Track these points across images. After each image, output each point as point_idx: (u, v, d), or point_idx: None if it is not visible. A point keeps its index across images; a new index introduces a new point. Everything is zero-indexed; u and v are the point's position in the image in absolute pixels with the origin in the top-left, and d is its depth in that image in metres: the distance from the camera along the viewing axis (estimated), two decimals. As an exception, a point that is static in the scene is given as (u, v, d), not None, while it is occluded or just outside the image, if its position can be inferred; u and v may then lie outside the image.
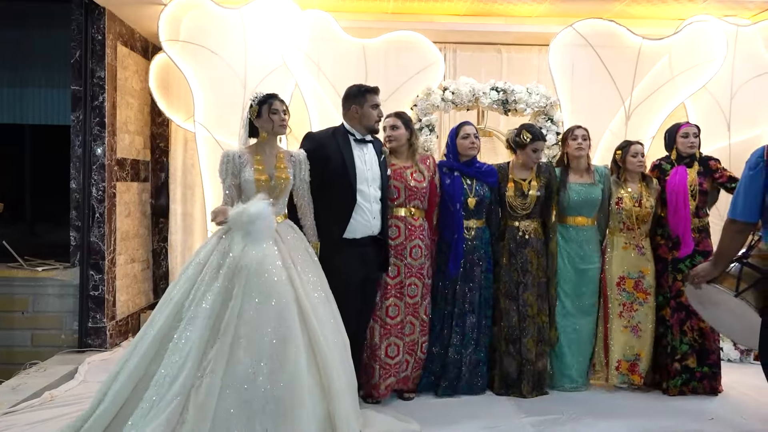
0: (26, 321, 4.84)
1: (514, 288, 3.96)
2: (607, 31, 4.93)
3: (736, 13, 5.11)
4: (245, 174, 3.20)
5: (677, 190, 4.00)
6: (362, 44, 4.89)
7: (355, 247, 3.52)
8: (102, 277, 4.86)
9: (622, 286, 4.09)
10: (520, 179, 4.03)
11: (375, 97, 3.62)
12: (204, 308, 2.87)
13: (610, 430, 3.48)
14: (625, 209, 4.06)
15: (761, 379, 4.23)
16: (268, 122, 3.29)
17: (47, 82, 6.34)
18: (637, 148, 4.11)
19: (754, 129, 5.03)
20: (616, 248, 4.12)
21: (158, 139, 5.75)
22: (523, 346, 3.93)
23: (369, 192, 3.56)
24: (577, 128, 4.15)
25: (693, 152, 4.10)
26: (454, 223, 3.87)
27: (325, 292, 3.19)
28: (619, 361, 4.08)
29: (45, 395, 3.84)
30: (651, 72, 4.94)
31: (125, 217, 5.24)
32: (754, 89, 5.02)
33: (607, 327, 4.11)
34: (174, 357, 2.82)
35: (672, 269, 4.09)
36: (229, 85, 4.85)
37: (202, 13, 4.80)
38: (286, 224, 3.29)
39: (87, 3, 4.75)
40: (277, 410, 2.75)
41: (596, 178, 4.11)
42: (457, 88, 4.76)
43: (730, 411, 3.79)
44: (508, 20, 5.29)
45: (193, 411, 2.69)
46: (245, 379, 2.77)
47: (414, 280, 3.80)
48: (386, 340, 3.75)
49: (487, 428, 3.46)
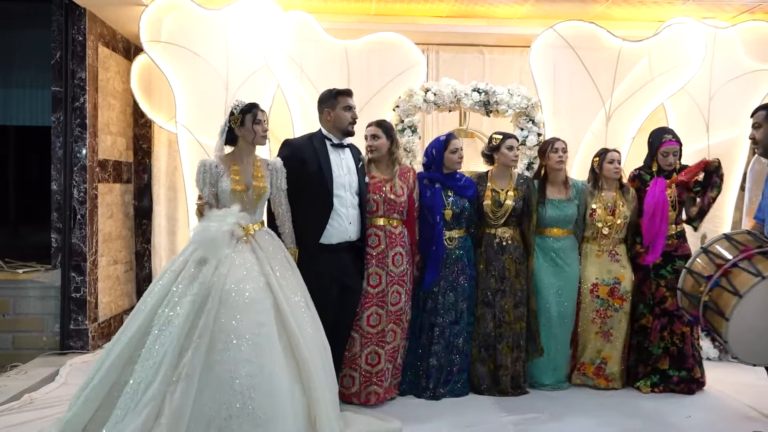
0: (7, 323, 4.78)
1: (491, 295, 3.95)
2: (587, 33, 4.94)
3: (715, 15, 5.14)
4: (222, 184, 3.17)
5: (656, 202, 4.00)
6: (345, 45, 4.88)
7: (333, 253, 3.50)
8: (84, 279, 4.81)
9: (595, 293, 4.10)
10: (498, 188, 4.02)
11: (347, 99, 3.58)
12: (179, 313, 2.84)
13: (589, 429, 3.49)
14: (599, 220, 4.07)
15: (739, 376, 4.33)
16: (251, 132, 3.25)
17: (31, 82, 6.28)
18: (613, 155, 4.12)
19: (732, 130, 5.07)
20: (590, 256, 4.14)
21: (141, 140, 5.70)
22: (498, 352, 3.93)
23: (346, 197, 3.54)
24: (557, 141, 4.12)
25: (671, 169, 4.11)
26: (434, 234, 3.83)
27: (304, 298, 3.17)
28: (583, 363, 4.12)
29: (25, 398, 3.80)
30: (631, 73, 4.96)
31: (107, 219, 5.19)
32: (733, 91, 5.05)
33: (578, 332, 4.14)
34: (148, 362, 2.79)
35: (654, 276, 4.09)
36: (211, 87, 4.82)
37: (183, 14, 4.77)
38: (263, 231, 3.27)
39: (67, 3, 4.71)
40: (255, 413, 2.73)
41: (572, 194, 4.11)
42: (439, 89, 4.76)
43: (708, 406, 3.82)
44: (490, 22, 5.29)
45: (168, 414, 2.66)
46: (222, 384, 2.74)
47: (397, 288, 3.75)
48: (367, 349, 3.70)
49: (468, 426, 3.46)
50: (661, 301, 4.08)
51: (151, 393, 2.70)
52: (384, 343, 3.73)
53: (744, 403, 3.88)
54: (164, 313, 2.88)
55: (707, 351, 4.79)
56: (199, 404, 2.71)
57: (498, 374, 3.95)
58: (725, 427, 3.55)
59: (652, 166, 4.15)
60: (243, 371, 2.77)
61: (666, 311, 4.05)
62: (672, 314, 4.04)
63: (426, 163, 4.02)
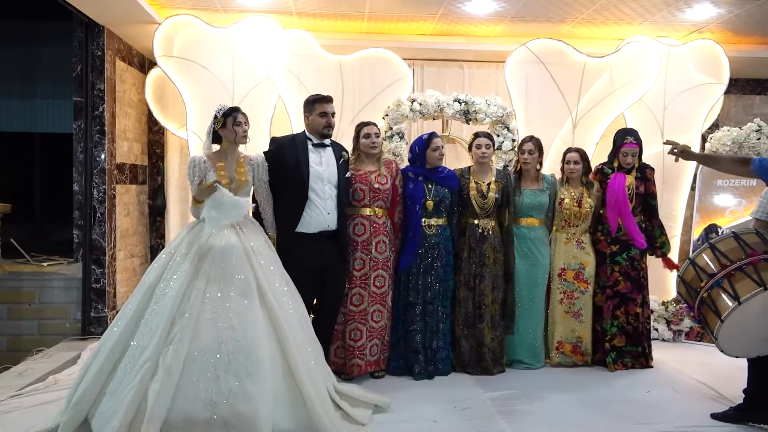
0: (33, 311, 4.71)
1: (472, 279, 3.94)
2: (556, 50, 4.92)
3: (668, 34, 5.15)
4: (209, 177, 3.24)
5: (616, 194, 4.04)
6: (339, 60, 4.84)
7: (311, 241, 3.51)
8: (103, 271, 4.74)
9: (563, 276, 4.11)
10: (481, 181, 4.01)
11: (324, 105, 3.55)
12: (172, 286, 2.93)
13: (560, 402, 3.49)
14: (566, 209, 4.08)
15: (689, 355, 4.36)
16: (232, 133, 3.29)
17: (54, 94, 6.20)
18: (569, 156, 4.14)
19: (685, 136, 5.04)
20: (559, 243, 4.14)
21: (155, 145, 5.63)
22: (479, 331, 3.93)
23: (324, 190, 3.53)
24: (526, 142, 4.12)
25: (629, 168, 4.13)
26: (413, 222, 3.83)
27: (281, 275, 3.22)
28: (560, 342, 4.11)
29: (49, 379, 3.74)
30: (594, 86, 4.95)
31: (124, 217, 5.12)
32: (684, 101, 5.06)
33: (548, 313, 4.14)
34: (145, 329, 2.87)
35: (610, 262, 4.11)
36: (218, 97, 4.71)
37: (193, 31, 4.70)
38: (247, 221, 3.34)
39: (87, 22, 4.63)
40: (239, 372, 2.79)
41: (544, 186, 4.13)
42: (424, 99, 4.73)
43: (664, 383, 3.84)
44: (469, 39, 5.27)
45: (161, 371, 2.74)
46: (210, 347, 2.82)
47: (381, 272, 3.76)
48: (350, 325, 3.73)
49: (450, 403, 3.44)
50: (614, 284, 4.08)
51: (146, 354, 2.78)
52: (366, 321, 3.73)
53: (696, 380, 3.90)
54: (160, 288, 2.95)
55: (662, 333, 4.81)
56: (189, 365, 2.78)
57: (481, 352, 3.93)
58: (680, 400, 3.57)
59: (614, 162, 4.17)
60: (228, 336, 2.84)
61: (618, 293, 4.07)
62: (624, 296, 4.06)
63: (411, 159, 4.01)
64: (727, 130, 5.07)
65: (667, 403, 3.50)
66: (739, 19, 4.76)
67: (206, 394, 2.74)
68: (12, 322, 4.69)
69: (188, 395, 2.73)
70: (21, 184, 7.35)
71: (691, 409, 3.39)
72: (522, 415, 3.30)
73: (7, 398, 3.38)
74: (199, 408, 2.72)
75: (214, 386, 2.76)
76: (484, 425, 3.15)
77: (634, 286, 4.07)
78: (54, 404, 3.24)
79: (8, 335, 4.69)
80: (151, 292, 2.97)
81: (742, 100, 6.04)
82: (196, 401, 2.73)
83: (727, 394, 3.57)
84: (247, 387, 2.76)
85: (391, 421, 3.17)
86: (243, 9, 4.67)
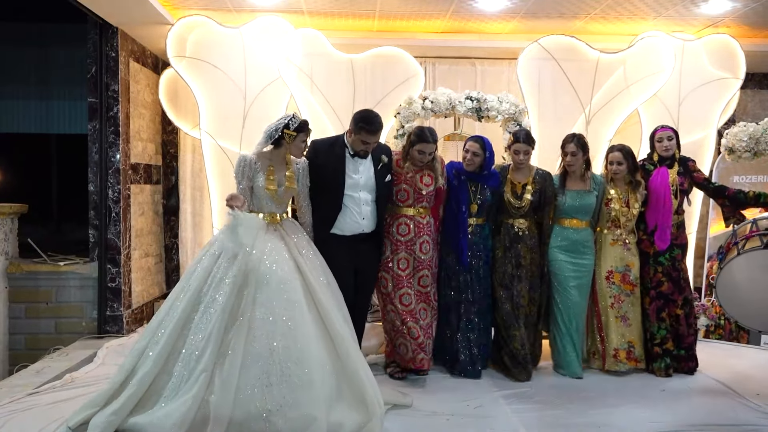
0: (50, 310, 4.78)
1: (509, 279, 3.88)
2: (568, 46, 4.88)
3: (683, 29, 5.08)
4: (258, 180, 3.25)
5: (660, 191, 3.89)
6: (350, 59, 4.83)
7: (346, 243, 3.54)
8: (119, 270, 4.78)
9: (611, 279, 3.95)
10: (516, 182, 3.94)
11: (367, 135, 3.49)
12: (221, 294, 2.91)
13: (577, 404, 3.45)
14: (614, 209, 3.93)
15: (705, 353, 4.29)
16: (297, 148, 3.33)
17: (69, 95, 6.26)
18: (612, 156, 3.94)
19: (700, 132, 5.02)
20: (605, 244, 3.98)
21: (169, 145, 5.66)
22: (515, 331, 3.83)
23: (359, 196, 3.55)
24: (568, 143, 3.91)
25: (669, 155, 3.98)
26: (459, 223, 3.80)
27: (327, 278, 3.22)
28: (617, 350, 3.91)
29: (66, 377, 3.77)
30: (608, 82, 4.90)
31: (139, 216, 5.16)
32: (699, 97, 4.99)
33: (601, 319, 3.98)
34: (198, 335, 2.86)
35: (653, 262, 3.96)
36: (230, 97, 4.78)
37: (205, 31, 4.73)
38: (289, 221, 3.38)
39: (101, 24, 4.66)
40: (291, 380, 2.81)
41: (592, 186, 3.95)
42: (435, 97, 4.71)
43: (680, 381, 3.78)
44: (481, 36, 5.24)
45: (218, 384, 2.76)
46: (262, 356, 2.84)
47: (425, 272, 3.77)
48: (406, 325, 3.66)
49: (464, 401, 3.43)
50: (657, 285, 3.96)
51: (203, 364, 2.78)
52: (417, 320, 3.69)
53: (714, 379, 3.84)
54: (208, 293, 2.94)
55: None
56: (244, 375, 2.80)
57: (518, 353, 3.81)
58: (696, 398, 3.53)
59: (653, 156, 4.04)
60: (280, 344, 2.86)
61: (662, 294, 3.95)
62: (667, 297, 3.95)
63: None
64: (744, 126, 4.99)
65: (684, 402, 3.47)
66: (756, 12, 4.68)
67: (260, 403, 2.77)
68: (29, 320, 4.75)
69: (242, 403, 2.76)
70: (38, 185, 7.44)
71: (709, 408, 3.35)
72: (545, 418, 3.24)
73: (25, 396, 3.41)
74: (254, 416, 2.75)
75: (267, 394, 2.78)
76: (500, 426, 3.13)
77: (675, 287, 3.94)
78: (70, 402, 3.26)
79: (26, 334, 4.76)
80: (197, 296, 2.96)
81: (759, 95, 5.94)
82: (251, 408, 2.76)
83: (744, 394, 3.52)
84: (298, 395, 2.78)
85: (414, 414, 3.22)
86: (254, 9, 4.69)
